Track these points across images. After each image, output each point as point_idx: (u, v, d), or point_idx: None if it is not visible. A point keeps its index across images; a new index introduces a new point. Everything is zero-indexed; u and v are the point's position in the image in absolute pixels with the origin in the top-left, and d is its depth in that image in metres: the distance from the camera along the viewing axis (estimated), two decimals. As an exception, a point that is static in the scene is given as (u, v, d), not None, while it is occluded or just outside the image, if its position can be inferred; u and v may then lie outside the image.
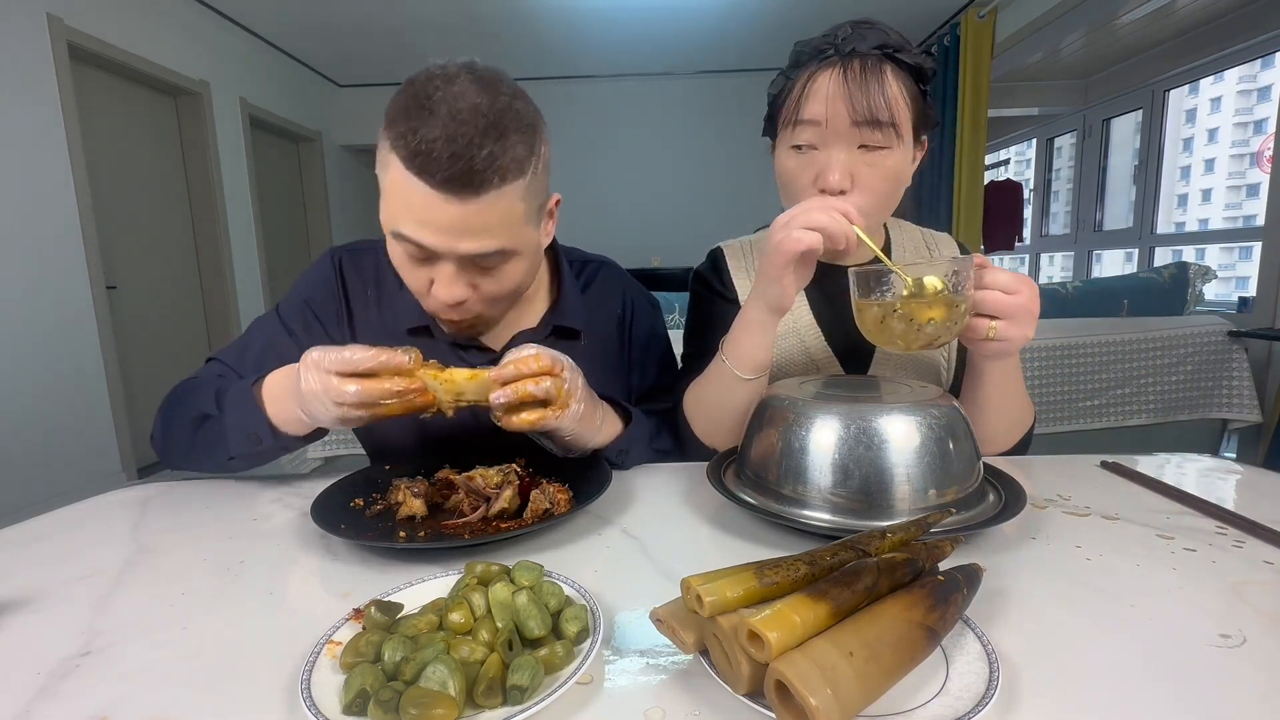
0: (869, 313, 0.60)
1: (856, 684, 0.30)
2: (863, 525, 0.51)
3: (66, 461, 2.78)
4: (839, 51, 0.67)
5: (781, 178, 0.75)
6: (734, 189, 5.25)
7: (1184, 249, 3.60)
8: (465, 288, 0.66)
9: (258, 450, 0.67)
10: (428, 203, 0.59)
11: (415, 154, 0.58)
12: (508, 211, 0.62)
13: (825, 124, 0.67)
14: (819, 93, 0.67)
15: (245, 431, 0.66)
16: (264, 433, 0.65)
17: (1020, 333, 0.60)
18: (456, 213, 0.59)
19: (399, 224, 0.62)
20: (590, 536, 0.57)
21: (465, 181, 0.58)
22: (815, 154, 0.69)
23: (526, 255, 0.68)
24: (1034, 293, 0.60)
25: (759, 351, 0.68)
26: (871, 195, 0.69)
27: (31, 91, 2.66)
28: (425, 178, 0.58)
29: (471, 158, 0.57)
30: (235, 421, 0.66)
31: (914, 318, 0.57)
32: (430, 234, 0.61)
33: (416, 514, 0.58)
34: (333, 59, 4.70)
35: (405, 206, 0.60)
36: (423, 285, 0.67)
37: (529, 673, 0.34)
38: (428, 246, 0.62)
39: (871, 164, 0.68)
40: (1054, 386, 1.99)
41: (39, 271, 2.68)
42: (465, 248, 0.62)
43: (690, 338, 0.89)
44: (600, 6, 3.91)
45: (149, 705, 0.36)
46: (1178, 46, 3.36)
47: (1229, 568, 0.48)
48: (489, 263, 0.64)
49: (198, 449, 0.70)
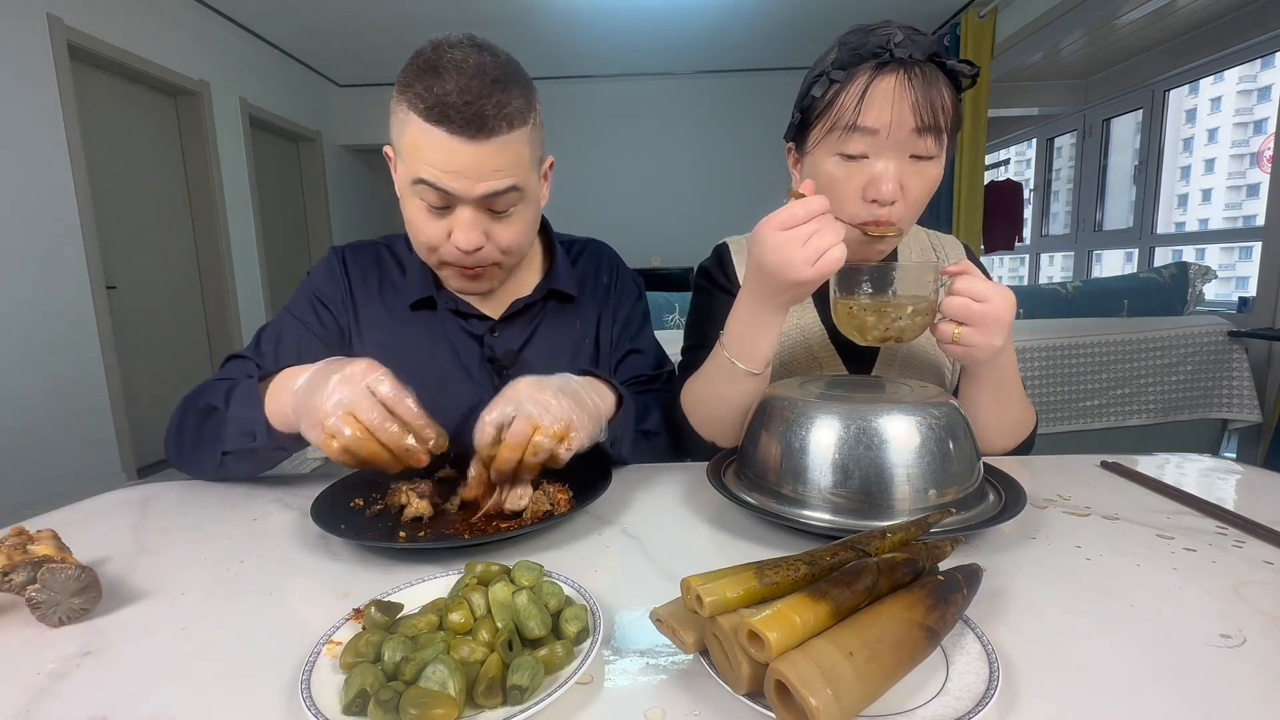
0: (836, 306, 0.69)
1: (857, 684, 0.30)
2: (863, 525, 0.51)
3: (67, 461, 2.78)
4: (896, 58, 0.64)
5: (822, 184, 0.70)
6: (734, 189, 5.25)
7: (1184, 249, 3.60)
8: (480, 235, 0.71)
9: (251, 448, 0.66)
10: (447, 148, 0.65)
11: (433, 106, 0.64)
12: (516, 155, 0.69)
13: (886, 132, 0.65)
14: (883, 99, 0.64)
15: (242, 427, 0.65)
16: (259, 430, 0.64)
17: (986, 340, 0.61)
18: (472, 155, 0.66)
19: (420, 172, 0.67)
20: (590, 536, 0.57)
21: (479, 126, 0.65)
22: (865, 163, 0.67)
23: (532, 201, 0.74)
24: (1006, 303, 0.61)
25: (767, 346, 0.68)
26: (914, 207, 0.70)
27: (31, 92, 2.66)
28: (444, 125, 0.65)
29: (482, 105, 0.65)
30: (236, 414, 0.66)
31: (878, 315, 0.65)
32: (450, 178, 0.66)
33: (423, 515, 0.58)
34: (333, 59, 4.70)
35: (425, 156, 0.66)
36: (440, 236, 0.71)
37: (529, 673, 0.34)
38: (448, 190, 0.67)
39: (919, 174, 0.68)
40: (1054, 386, 1.99)
41: (39, 271, 2.68)
42: (481, 188, 0.67)
43: (692, 331, 0.89)
44: (600, 6, 3.91)
45: (149, 705, 0.36)
46: (1178, 46, 3.36)
47: (1229, 568, 0.48)
48: (502, 204, 0.70)
49: (200, 445, 0.70)
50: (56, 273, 2.75)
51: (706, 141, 5.25)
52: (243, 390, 0.67)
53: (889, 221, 0.68)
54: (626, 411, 0.73)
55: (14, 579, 0.43)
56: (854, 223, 0.69)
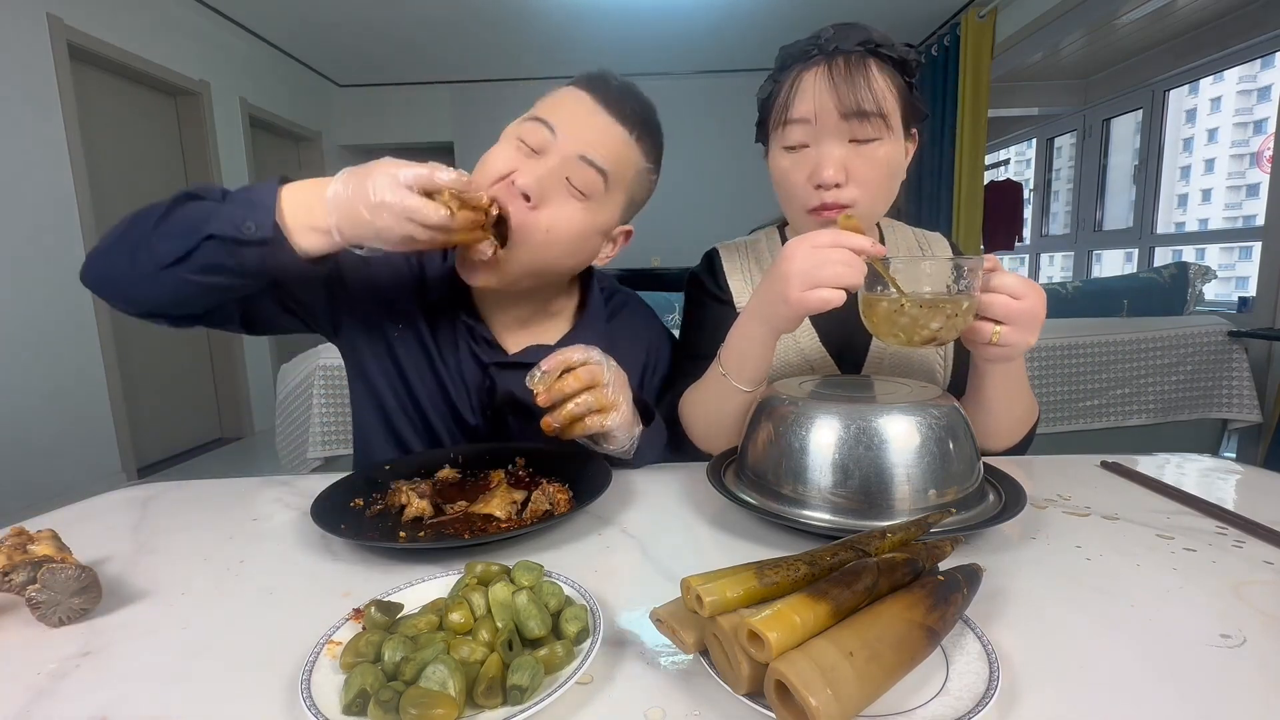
0: (877, 306, 0.59)
1: (857, 684, 0.30)
2: (863, 525, 0.51)
3: (66, 461, 2.78)
4: (823, 51, 0.69)
5: (777, 180, 0.76)
6: (734, 189, 5.25)
7: (1184, 249, 3.60)
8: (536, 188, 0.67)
9: (237, 244, 0.58)
10: (588, 109, 0.69)
11: (590, 78, 0.70)
12: (624, 161, 0.71)
13: (814, 120, 0.69)
14: (806, 90, 0.69)
15: (240, 220, 0.57)
16: (265, 226, 0.57)
17: (1023, 339, 0.59)
18: (600, 124, 0.69)
19: (544, 112, 0.69)
20: (590, 536, 0.57)
21: (620, 107, 0.70)
22: (807, 152, 0.71)
23: (594, 220, 0.72)
24: (1041, 299, 0.59)
25: (761, 365, 0.68)
26: (866, 188, 0.71)
27: (31, 91, 2.66)
28: (593, 91, 0.70)
29: (634, 100, 0.71)
30: (237, 206, 0.58)
31: (919, 315, 0.57)
32: (569, 129, 0.68)
33: (423, 515, 0.58)
34: (333, 59, 4.70)
35: (561, 107, 0.69)
36: (499, 171, 0.68)
37: (529, 673, 0.34)
38: (558, 130, 0.68)
39: (864, 157, 0.70)
40: (1054, 386, 1.99)
41: (39, 271, 2.68)
42: (583, 149, 0.68)
43: (685, 339, 0.88)
44: (600, 6, 3.91)
45: (149, 705, 0.36)
46: (1178, 46, 3.36)
47: (1229, 568, 0.48)
48: (581, 180, 0.68)
49: (154, 236, 0.59)
50: (56, 273, 2.75)
51: (706, 141, 5.25)
52: (257, 189, 0.60)
53: (839, 205, 0.70)
54: (656, 432, 0.74)
55: (14, 579, 0.43)
56: (809, 208, 0.72)
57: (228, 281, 0.61)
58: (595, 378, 0.64)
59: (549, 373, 0.63)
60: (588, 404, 0.63)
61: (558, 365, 0.63)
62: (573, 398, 0.63)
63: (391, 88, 5.27)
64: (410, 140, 5.35)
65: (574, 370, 0.64)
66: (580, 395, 0.63)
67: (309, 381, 1.80)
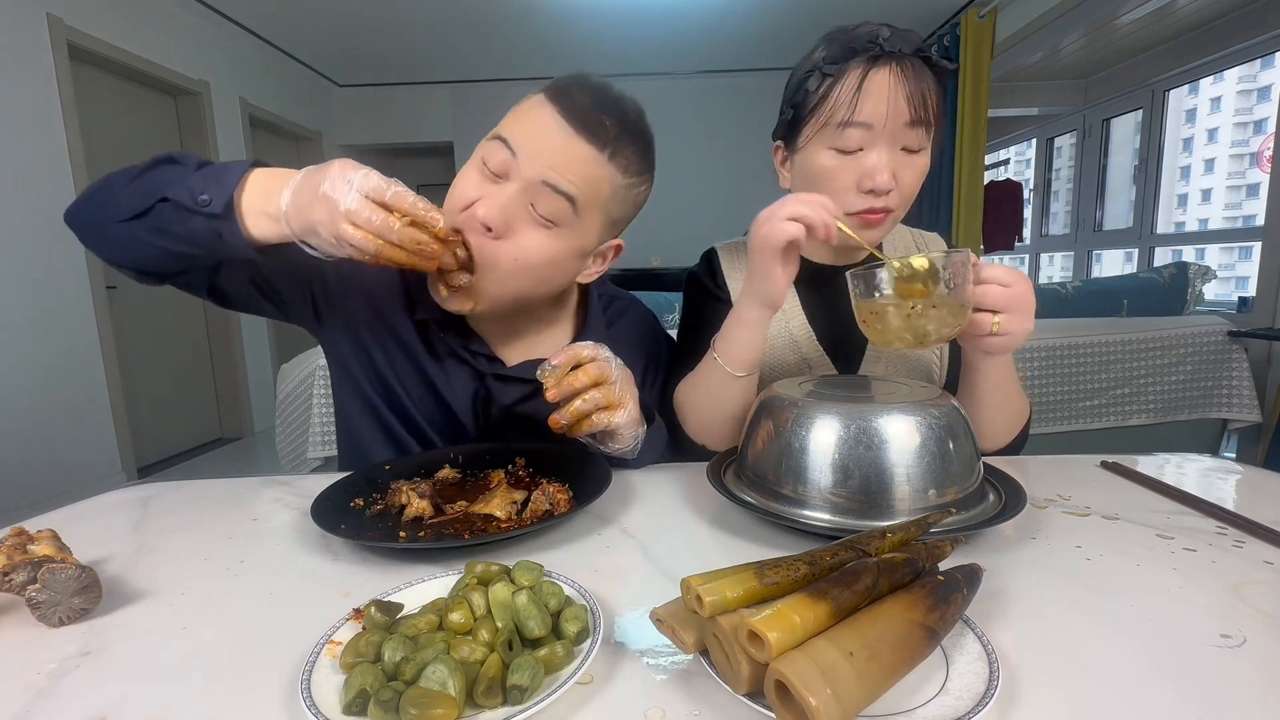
0: (870, 312, 0.60)
1: (857, 684, 0.30)
2: (863, 525, 0.51)
3: (67, 461, 2.78)
4: (885, 51, 0.67)
5: (814, 177, 0.72)
6: (734, 188, 5.24)
7: (1184, 249, 3.60)
8: (498, 218, 0.63)
9: (188, 213, 0.58)
10: (550, 126, 0.63)
11: (558, 87, 0.64)
12: (595, 182, 0.65)
13: (882, 124, 0.67)
14: (877, 92, 0.66)
15: (199, 190, 0.57)
16: (219, 202, 0.57)
17: (1021, 325, 0.60)
18: (563, 144, 0.63)
19: (505, 130, 0.65)
20: (590, 536, 0.57)
21: (589, 122, 0.63)
22: (859, 155, 0.69)
23: (566, 246, 0.67)
24: (1029, 284, 0.61)
25: (752, 349, 0.68)
26: (907, 197, 0.72)
27: (31, 92, 2.66)
28: (559, 103, 0.63)
29: (609, 110, 0.64)
30: (203, 177, 0.58)
31: (914, 313, 0.57)
32: (530, 150, 0.63)
33: (423, 515, 0.58)
34: (333, 59, 4.70)
35: (522, 124, 0.64)
36: (465, 198, 0.65)
37: (529, 673, 0.34)
38: (519, 153, 0.63)
39: (910, 166, 0.70)
40: (1054, 386, 1.99)
41: (39, 271, 2.68)
42: (544, 174, 0.63)
43: (683, 338, 0.88)
44: (600, 6, 3.91)
45: (149, 705, 0.36)
46: (1177, 46, 3.36)
47: (1229, 568, 0.48)
48: (545, 208, 0.64)
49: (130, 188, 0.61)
50: (56, 273, 2.75)
51: (706, 141, 5.25)
52: (225, 165, 0.60)
53: (886, 209, 0.70)
54: (657, 432, 0.74)
55: (14, 579, 0.43)
56: (850, 212, 0.71)
57: (176, 247, 0.61)
58: (604, 374, 0.64)
59: (559, 367, 0.63)
60: (596, 400, 0.63)
61: (568, 360, 0.64)
62: (582, 393, 0.63)
63: (391, 87, 5.27)
64: (410, 140, 5.35)
65: (584, 365, 0.64)
66: (589, 391, 0.63)
67: (309, 381, 1.80)
